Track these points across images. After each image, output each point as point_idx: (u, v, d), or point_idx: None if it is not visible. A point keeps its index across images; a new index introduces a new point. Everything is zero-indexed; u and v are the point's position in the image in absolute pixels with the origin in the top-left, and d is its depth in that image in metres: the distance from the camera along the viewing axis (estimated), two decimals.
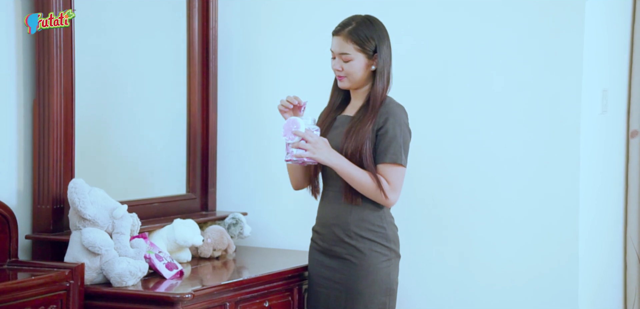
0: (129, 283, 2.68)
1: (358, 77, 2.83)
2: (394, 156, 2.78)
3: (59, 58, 2.84)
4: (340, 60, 2.83)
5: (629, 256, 3.60)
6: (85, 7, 2.96)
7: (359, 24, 2.82)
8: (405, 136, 2.82)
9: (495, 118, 3.25)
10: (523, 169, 3.22)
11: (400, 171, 2.80)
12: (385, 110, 2.80)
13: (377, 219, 2.83)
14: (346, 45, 2.81)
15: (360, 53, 2.81)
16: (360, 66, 2.82)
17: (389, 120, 2.79)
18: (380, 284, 2.82)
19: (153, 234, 3.05)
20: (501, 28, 3.24)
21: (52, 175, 2.84)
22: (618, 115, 3.55)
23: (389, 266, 2.83)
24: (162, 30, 3.39)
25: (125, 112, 3.23)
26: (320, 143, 2.76)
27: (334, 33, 2.85)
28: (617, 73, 3.55)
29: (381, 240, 2.82)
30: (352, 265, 2.82)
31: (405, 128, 2.82)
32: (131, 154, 3.25)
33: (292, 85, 3.52)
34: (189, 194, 3.45)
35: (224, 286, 2.79)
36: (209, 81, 3.48)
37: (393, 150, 2.78)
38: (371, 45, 2.81)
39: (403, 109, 2.85)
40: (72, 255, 2.72)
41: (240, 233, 3.36)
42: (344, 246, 2.84)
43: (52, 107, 2.84)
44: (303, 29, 3.52)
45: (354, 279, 2.82)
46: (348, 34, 2.81)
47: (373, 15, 2.87)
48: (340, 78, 2.86)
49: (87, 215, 2.72)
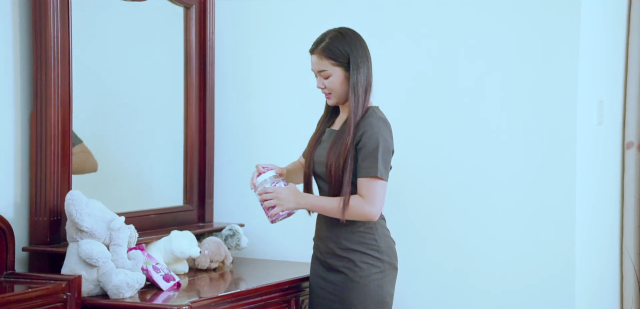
0: (126, 294, 2.68)
1: (340, 92, 2.82)
2: (369, 170, 2.76)
3: (57, 70, 2.85)
4: (320, 78, 2.83)
5: (625, 267, 3.60)
6: (82, 19, 2.97)
7: (332, 39, 2.81)
8: (384, 148, 2.78)
9: (492, 130, 3.26)
10: (520, 180, 3.23)
11: (376, 183, 2.77)
12: (364, 124, 2.78)
13: (368, 231, 2.83)
14: (322, 62, 2.81)
15: (336, 67, 2.80)
16: (340, 80, 2.81)
17: (366, 133, 2.77)
18: (372, 296, 2.82)
19: (150, 246, 3.05)
20: (497, 40, 3.25)
21: (49, 186, 2.84)
22: (614, 126, 3.56)
23: (381, 278, 2.83)
24: (160, 42, 3.40)
25: (123, 123, 3.23)
26: (284, 193, 2.79)
27: (310, 51, 2.84)
28: (613, 85, 3.56)
29: (373, 252, 2.83)
30: (345, 277, 2.83)
31: (384, 140, 2.78)
32: (128, 166, 3.26)
33: (288, 97, 3.53)
34: (186, 205, 3.45)
35: (221, 298, 2.79)
36: (206, 92, 3.48)
37: (369, 164, 2.76)
38: (345, 58, 2.80)
39: (384, 121, 2.81)
40: (69, 267, 2.72)
41: (237, 245, 3.36)
42: (337, 259, 2.85)
43: (49, 119, 2.84)
44: (300, 41, 3.52)
45: (346, 291, 2.82)
46: (322, 51, 2.80)
47: (347, 27, 2.85)
48: (327, 96, 2.85)
49: (85, 226, 2.72)
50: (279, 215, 2.81)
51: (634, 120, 3.58)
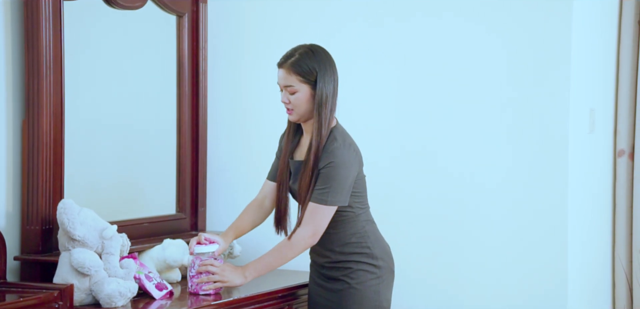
0: (118, 303, 2.67)
1: (304, 109, 2.79)
2: (319, 197, 2.75)
3: (49, 79, 2.84)
4: (286, 93, 2.80)
5: (617, 275, 3.61)
6: (74, 28, 2.96)
7: (301, 55, 2.78)
8: (344, 177, 2.75)
9: (484, 138, 3.27)
10: (512, 188, 3.23)
11: (321, 209, 2.76)
12: (328, 152, 2.76)
13: (360, 240, 2.83)
14: (289, 77, 2.78)
15: (304, 84, 2.77)
16: (305, 97, 2.78)
17: (329, 164, 2.75)
18: (369, 302, 2.82)
19: (143, 254, 3.04)
20: (489, 48, 3.26)
21: (41, 195, 2.83)
22: (605, 134, 3.58)
23: (378, 284, 2.84)
24: (152, 51, 3.40)
25: (115, 131, 3.22)
26: (228, 271, 2.80)
27: (278, 65, 2.81)
28: (604, 93, 3.58)
29: (368, 259, 2.83)
30: (341, 283, 2.83)
31: (345, 169, 2.75)
32: (121, 174, 3.25)
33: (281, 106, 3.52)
34: (178, 214, 3.44)
35: (214, 306, 2.78)
36: (198, 101, 3.48)
37: (320, 191, 2.75)
38: (313, 76, 2.77)
39: (347, 146, 2.78)
40: (61, 276, 2.71)
41: (230, 253, 3.35)
42: (332, 266, 2.85)
43: (41, 127, 2.83)
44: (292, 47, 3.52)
45: (344, 298, 2.83)
46: (290, 66, 2.77)
47: (318, 45, 2.83)
48: (289, 112, 2.82)
49: (77, 235, 2.71)
50: (211, 292, 2.83)
51: (625, 128, 3.59)
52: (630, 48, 3.58)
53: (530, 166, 3.21)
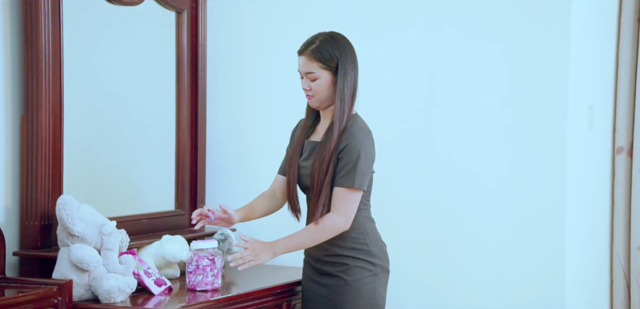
0: (117, 299, 2.67)
1: (324, 96, 2.82)
2: (346, 180, 2.76)
3: (48, 74, 2.84)
4: (307, 80, 2.82)
5: (615, 272, 3.62)
6: (74, 23, 2.97)
7: (322, 42, 2.81)
8: (364, 160, 2.78)
9: (482, 136, 3.27)
10: (510, 185, 3.24)
11: (347, 194, 2.77)
12: (347, 134, 2.78)
13: (359, 236, 2.84)
14: (311, 64, 2.80)
15: (325, 70, 2.80)
16: (326, 84, 2.80)
17: (349, 145, 2.77)
18: (365, 300, 2.82)
19: (142, 250, 3.04)
20: (488, 45, 3.26)
21: (40, 191, 2.84)
22: (604, 131, 3.58)
23: (374, 282, 2.84)
24: (151, 47, 3.40)
25: (114, 127, 3.23)
26: (259, 246, 2.77)
27: (299, 52, 2.84)
28: (603, 90, 3.58)
29: (365, 256, 2.83)
30: (339, 281, 2.84)
31: (365, 152, 2.78)
32: (120, 170, 3.25)
33: (280, 102, 3.53)
34: (177, 210, 3.44)
35: (212, 302, 2.78)
36: (197, 97, 3.48)
37: (347, 174, 2.76)
38: (334, 62, 2.80)
39: (366, 132, 2.81)
40: (60, 272, 2.71)
41: (229, 249, 3.36)
42: (330, 263, 2.85)
43: (40, 123, 2.83)
44: (292, 45, 3.51)
45: (339, 294, 2.83)
46: (311, 53, 2.80)
47: (338, 32, 2.85)
48: (309, 98, 2.85)
49: (76, 231, 2.71)
50: (208, 288, 2.83)
51: (624, 126, 3.60)
52: (630, 45, 3.58)
53: (529, 163, 3.21)
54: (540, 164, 3.20)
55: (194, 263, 2.86)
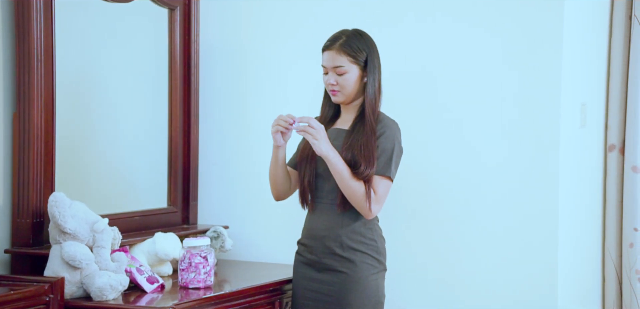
0: (109, 297, 2.67)
1: (352, 90, 2.85)
2: (384, 169, 2.80)
3: (40, 71, 2.84)
4: (334, 74, 2.84)
5: (606, 269, 3.63)
6: (66, 20, 2.96)
7: (349, 37, 2.85)
8: (398, 151, 2.85)
9: (475, 133, 3.28)
10: (503, 183, 3.24)
11: (387, 184, 2.83)
12: (382, 124, 2.84)
13: (368, 231, 2.84)
14: (339, 58, 2.83)
15: (354, 65, 2.83)
16: (355, 78, 2.84)
17: (385, 134, 2.82)
18: (370, 296, 2.83)
19: (134, 247, 3.04)
20: (480, 43, 3.27)
21: (32, 188, 2.83)
22: (596, 129, 3.59)
23: (377, 278, 2.85)
24: (144, 44, 3.39)
25: (106, 125, 3.22)
26: (323, 133, 2.76)
27: (325, 48, 2.86)
28: (596, 88, 3.59)
29: (372, 252, 2.84)
30: (344, 277, 2.82)
31: (398, 143, 2.86)
32: (112, 167, 3.24)
33: (274, 99, 3.53)
34: (170, 207, 3.44)
35: (205, 300, 2.78)
36: (190, 94, 3.48)
37: (384, 162, 2.80)
38: (363, 56, 2.84)
39: (397, 125, 2.88)
40: (52, 269, 2.71)
41: (221, 247, 3.36)
42: (335, 259, 2.84)
43: (32, 120, 2.83)
44: (286, 42, 3.53)
45: (344, 291, 2.82)
46: (340, 47, 2.83)
47: (361, 29, 2.90)
48: (334, 93, 2.86)
49: (68, 228, 2.71)
50: (201, 285, 2.82)
51: (616, 123, 3.60)
52: (622, 43, 3.59)
53: (521, 160, 3.22)
54: (532, 161, 3.21)
55: (187, 261, 2.86)
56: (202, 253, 2.87)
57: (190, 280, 2.85)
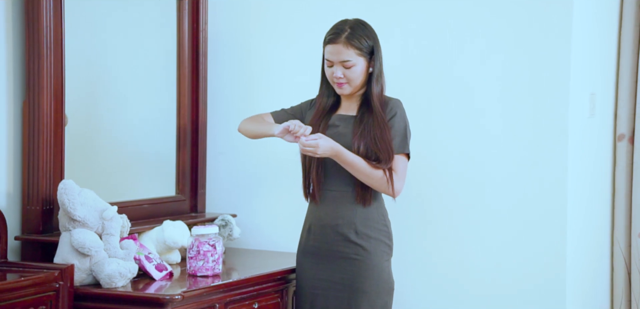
0: (118, 284, 2.68)
1: (359, 82, 2.82)
2: (401, 147, 2.81)
3: (49, 60, 2.84)
4: (340, 68, 2.80)
5: (615, 259, 3.62)
6: (75, 9, 2.96)
7: (353, 28, 2.80)
8: (408, 126, 2.86)
9: (484, 122, 3.27)
10: (511, 171, 3.24)
11: (405, 160, 2.84)
12: (389, 107, 2.83)
13: (381, 217, 2.84)
14: (346, 51, 2.78)
15: (360, 57, 2.80)
16: (362, 70, 2.81)
17: (396, 114, 2.82)
18: (384, 282, 2.82)
19: (143, 235, 3.05)
20: (489, 32, 3.26)
21: (42, 176, 2.84)
22: (606, 118, 3.58)
23: (388, 265, 2.86)
24: (152, 32, 3.40)
25: (116, 113, 3.23)
26: (323, 141, 2.75)
27: (330, 41, 2.80)
28: (605, 77, 3.58)
29: (385, 238, 2.84)
30: (357, 264, 2.81)
31: (408, 124, 2.87)
32: (121, 155, 3.25)
33: (282, 88, 3.53)
34: (178, 196, 3.45)
35: (213, 288, 2.79)
36: (198, 83, 3.48)
37: (399, 141, 2.81)
38: (368, 47, 2.81)
39: (401, 102, 2.88)
40: (61, 256, 2.72)
41: (229, 235, 3.36)
42: (350, 246, 2.82)
43: (42, 108, 2.84)
44: (293, 29, 3.52)
45: (359, 278, 2.80)
46: (347, 40, 2.78)
47: (361, 18, 2.88)
48: (341, 85, 2.82)
49: (77, 216, 2.72)
50: (209, 273, 2.83)
51: (625, 113, 3.59)
52: (632, 32, 3.57)
53: (530, 149, 3.21)
54: (541, 151, 3.20)
55: (195, 249, 2.87)
56: (211, 241, 2.88)
57: (199, 268, 2.86)
